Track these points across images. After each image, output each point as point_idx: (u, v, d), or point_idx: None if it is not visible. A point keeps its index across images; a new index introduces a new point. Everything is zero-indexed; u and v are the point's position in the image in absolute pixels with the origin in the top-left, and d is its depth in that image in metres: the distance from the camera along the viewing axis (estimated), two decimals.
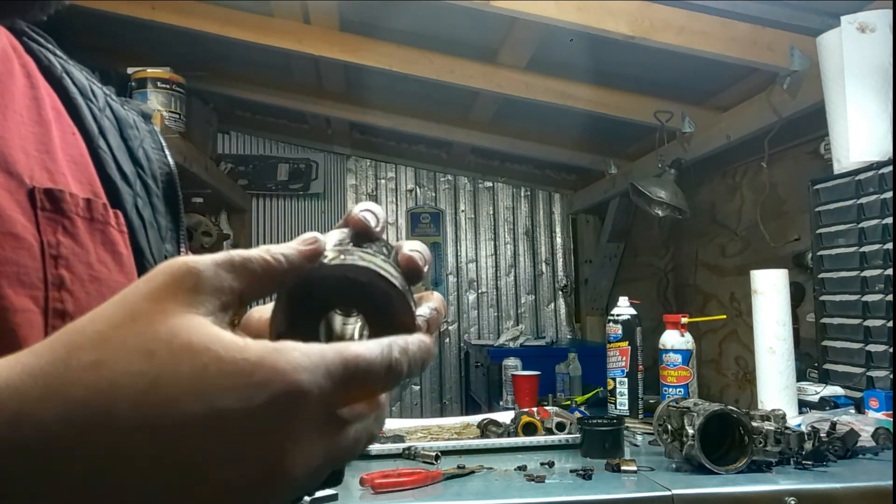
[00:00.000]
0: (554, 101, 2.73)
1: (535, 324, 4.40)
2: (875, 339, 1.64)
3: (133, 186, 0.54)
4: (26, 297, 0.41)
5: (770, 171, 2.39)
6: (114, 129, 0.55)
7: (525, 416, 1.59)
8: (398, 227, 4.37)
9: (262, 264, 0.33)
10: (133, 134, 0.58)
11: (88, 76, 0.57)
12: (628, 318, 1.91)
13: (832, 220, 1.80)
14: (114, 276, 0.48)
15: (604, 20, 2.02)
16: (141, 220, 0.53)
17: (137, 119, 0.60)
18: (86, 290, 0.45)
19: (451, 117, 3.47)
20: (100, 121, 0.54)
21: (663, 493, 1.15)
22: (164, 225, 0.57)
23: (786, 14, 1.99)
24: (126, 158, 0.55)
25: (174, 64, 2.54)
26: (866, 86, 1.71)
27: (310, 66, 2.98)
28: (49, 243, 0.43)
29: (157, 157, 0.60)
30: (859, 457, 1.34)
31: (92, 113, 0.54)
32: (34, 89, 0.49)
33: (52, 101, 0.50)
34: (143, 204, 0.54)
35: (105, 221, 0.48)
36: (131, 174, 0.54)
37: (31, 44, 0.53)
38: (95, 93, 0.56)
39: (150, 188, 0.57)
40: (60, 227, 0.44)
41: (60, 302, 0.43)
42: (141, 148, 0.58)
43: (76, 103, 0.52)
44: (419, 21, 2.45)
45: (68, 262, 0.44)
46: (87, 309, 0.43)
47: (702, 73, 2.38)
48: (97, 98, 0.56)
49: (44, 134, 0.47)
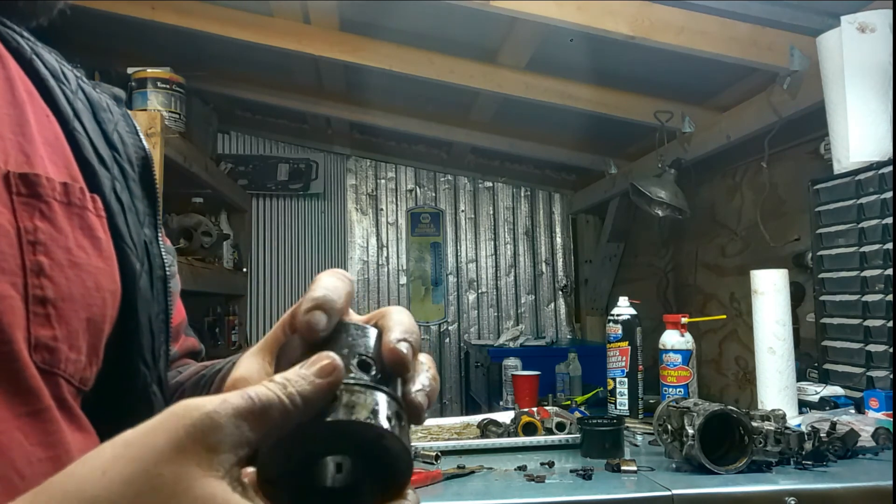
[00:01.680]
0: (554, 101, 2.73)
1: (535, 324, 4.40)
2: (875, 339, 1.64)
3: (110, 170, 0.53)
4: (6, 283, 0.41)
5: (770, 171, 2.39)
6: (87, 111, 0.54)
7: (525, 416, 1.59)
8: (398, 227, 4.38)
9: (281, 411, 0.32)
10: (107, 117, 0.56)
11: (59, 59, 0.55)
12: (628, 318, 1.91)
13: (832, 220, 1.80)
14: (93, 261, 0.47)
15: (604, 20, 2.02)
16: (120, 203, 0.52)
17: (110, 102, 0.59)
18: (65, 275, 0.44)
19: (451, 117, 3.47)
20: (73, 103, 0.52)
21: (663, 493, 1.15)
22: (142, 209, 0.56)
23: (786, 14, 1.99)
24: (102, 142, 0.53)
25: (174, 64, 2.54)
26: (866, 86, 1.71)
27: (310, 66, 2.98)
28: (26, 229, 0.42)
29: (131, 140, 0.58)
30: (859, 457, 1.34)
31: (65, 95, 0.52)
32: (5, 69, 0.47)
33: (24, 84, 0.49)
34: (121, 188, 0.53)
35: (83, 206, 0.47)
36: (108, 157, 0.53)
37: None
38: (67, 75, 0.54)
39: (127, 172, 0.55)
40: (37, 212, 0.43)
41: (40, 289, 0.42)
42: (115, 131, 0.56)
43: (48, 85, 0.51)
44: (419, 21, 2.45)
45: (47, 248, 0.43)
46: (68, 294, 0.44)
47: (702, 73, 2.38)
48: (69, 81, 0.54)
49: (19, 116, 0.46)
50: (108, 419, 0.47)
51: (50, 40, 0.56)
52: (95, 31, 2.68)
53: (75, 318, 0.45)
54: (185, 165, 2.53)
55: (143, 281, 0.53)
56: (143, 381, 0.54)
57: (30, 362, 0.42)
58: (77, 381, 0.46)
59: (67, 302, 0.44)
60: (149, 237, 0.55)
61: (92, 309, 0.46)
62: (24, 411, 0.41)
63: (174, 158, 2.37)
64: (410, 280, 4.34)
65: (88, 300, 0.46)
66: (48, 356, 0.43)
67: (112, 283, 0.49)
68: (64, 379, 0.44)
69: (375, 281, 4.33)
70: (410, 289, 4.34)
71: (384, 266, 4.35)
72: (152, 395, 0.55)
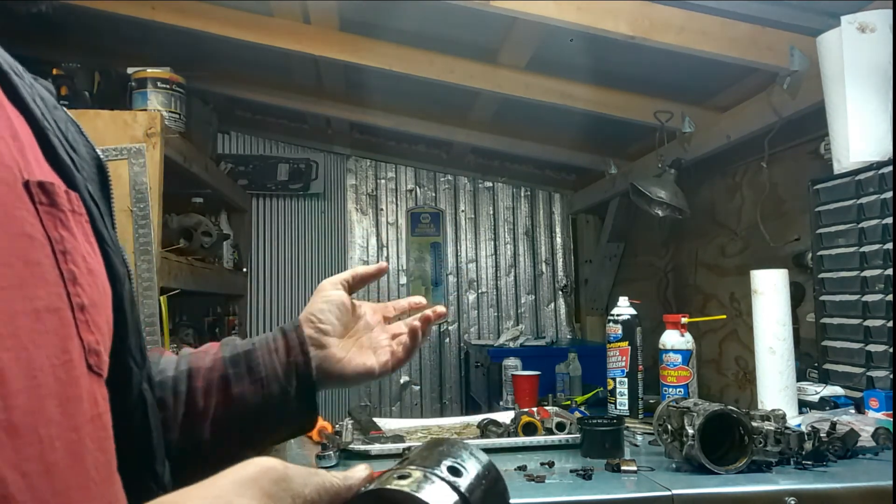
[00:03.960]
0: (554, 101, 2.73)
1: (535, 324, 4.40)
2: (875, 339, 1.64)
3: (81, 171, 0.51)
4: (54, 294, 0.41)
5: (770, 171, 2.39)
6: (47, 110, 0.51)
7: (525, 416, 1.59)
8: (398, 227, 4.38)
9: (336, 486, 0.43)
10: (60, 115, 0.53)
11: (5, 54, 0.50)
12: (628, 318, 1.91)
13: (832, 220, 1.80)
14: (98, 267, 0.47)
15: (604, 20, 2.02)
16: (97, 207, 0.51)
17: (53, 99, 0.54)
18: (89, 282, 0.45)
19: (451, 117, 3.47)
20: (36, 101, 0.49)
21: (663, 493, 1.15)
22: (105, 211, 0.55)
23: (786, 14, 1.99)
24: (65, 141, 0.51)
25: (174, 64, 2.54)
26: (866, 86, 1.71)
27: (310, 66, 2.98)
28: (55, 239, 0.42)
29: (81, 140, 0.56)
30: (859, 457, 1.34)
31: (28, 92, 0.49)
32: None
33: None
34: (93, 190, 0.52)
35: (81, 212, 0.47)
36: (76, 159, 0.51)
37: None
38: (19, 69, 0.50)
39: (87, 173, 0.53)
40: (59, 222, 0.43)
41: (78, 296, 0.43)
42: (69, 130, 0.54)
43: (12, 80, 0.47)
44: (419, 21, 2.45)
45: (73, 257, 0.43)
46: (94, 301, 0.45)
47: (702, 73, 2.38)
48: (23, 75, 0.50)
49: (5, 118, 0.43)
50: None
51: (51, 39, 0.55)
52: (95, 31, 2.68)
53: (102, 321, 0.46)
54: (185, 165, 2.53)
55: (126, 284, 0.54)
56: (136, 380, 0.55)
57: (87, 368, 0.42)
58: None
59: (94, 307, 0.45)
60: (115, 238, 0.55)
61: (107, 312, 0.48)
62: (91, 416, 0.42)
63: (174, 158, 2.37)
64: (410, 280, 4.34)
65: (104, 304, 0.47)
66: (97, 360, 0.44)
67: (108, 286, 0.49)
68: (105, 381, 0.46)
69: (375, 281, 4.32)
70: (410, 289, 4.34)
71: None
72: (144, 392, 0.56)
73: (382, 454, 1.46)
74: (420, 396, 4.31)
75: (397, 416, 4.13)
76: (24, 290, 0.38)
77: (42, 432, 0.37)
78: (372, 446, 1.47)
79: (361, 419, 1.72)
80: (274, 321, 4.17)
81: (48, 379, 0.38)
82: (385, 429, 1.68)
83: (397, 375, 4.31)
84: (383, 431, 1.62)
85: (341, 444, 1.49)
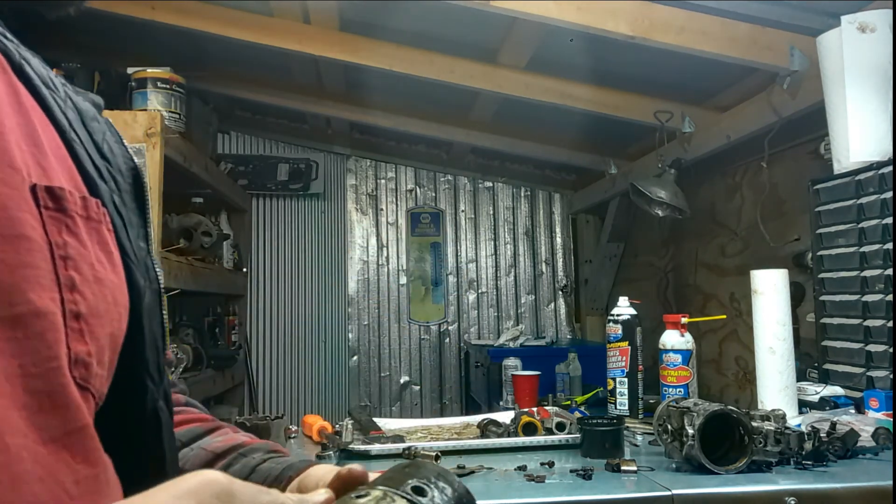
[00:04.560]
0: (554, 101, 2.73)
1: (535, 324, 4.39)
2: (875, 339, 1.64)
3: (108, 182, 0.51)
4: (47, 298, 0.40)
5: (770, 171, 2.39)
6: (78, 121, 0.52)
7: (525, 416, 1.59)
8: (398, 227, 4.38)
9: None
10: (96, 126, 0.54)
11: (43, 64, 0.53)
12: (628, 318, 1.91)
13: (832, 220, 1.80)
14: (110, 276, 0.46)
15: (604, 20, 2.02)
16: (120, 217, 0.51)
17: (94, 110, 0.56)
18: (92, 291, 0.44)
19: (451, 117, 3.47)
20: (66, 112, 0.50)
21: (663, 493, 1.15)
22: (136, 222, 0.55)
23: (786, 14, 1.99)
24: (95, 152, 0.52)
25: (174, 64, 2.54)
26: (866, 86, 1.71)
27: (310, 66, 2.97)
28: (56, 243, 0.42)
29: (120, 151, 0.57)
30: (859, 457, 1.34)
31: (57, 103, 0.50)
32: (6, 74, 0.45)
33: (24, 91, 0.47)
34: (119, 201, 0.52)
35: (98, 220, 0.47)
36: (104, 169, 0.52)
37: None
38: (55, 82, 0.52)
39: (120, 184, 0.54)
40: (64, 227, 0.43)
41: (74, 304, 0.42)
42: (105, 141, 0.54)
43: (42, 93, 0.49)
44: (419, 21, 2.45)
45: (76, 263, 0.43)
46: (95, 310, 0.44)
47: (702, 73, 2.38)
48: (57, 88, 0.52)
49: (28, 125, 0.44)
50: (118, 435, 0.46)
51: (51, 39, 0.55)
52: (95, 31, 2.67)
53: (102, 333, 0.45)
54: (185, 165, 2.53)
55: (147, 297, 0.52)
56: (150, 397, 0.53)
57: (71, 379, 0.41)
58: (99, 397, 0.46)
59: (95, 317, 0.44)
60: (143, 251, 0.54)
61: (113, 324, 0.46)
62: (70, 429, 0.41)
63: (174, 158, 2.37)
64: (410, 280, 4.34)
65: (111, 315, 0.46)
66: (84, 372, 0.43)
67: (124, 297, 0.48)
68: (93, 395, 0.44)
69: (375, 281, 4.33)
70: (410, 289, 4.34)
71: (384, 266, 4.35)
72: (160, 410, 0.54)
73: (382, 454, 1.45)
74: (420, 396, 4.31)
75: (397, 416, 4.13)
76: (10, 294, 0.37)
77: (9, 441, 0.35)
78: (372, 446, 1.47)
79: (361, 419, 1.73)
80: (274, 321, 4.17)
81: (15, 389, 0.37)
82: (385, 429, 1.68)
83: (397, 375, 4.31)
84: (383, 431, 1.62)
85: (341, 444, 1.49)
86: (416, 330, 4.34)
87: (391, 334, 4.32)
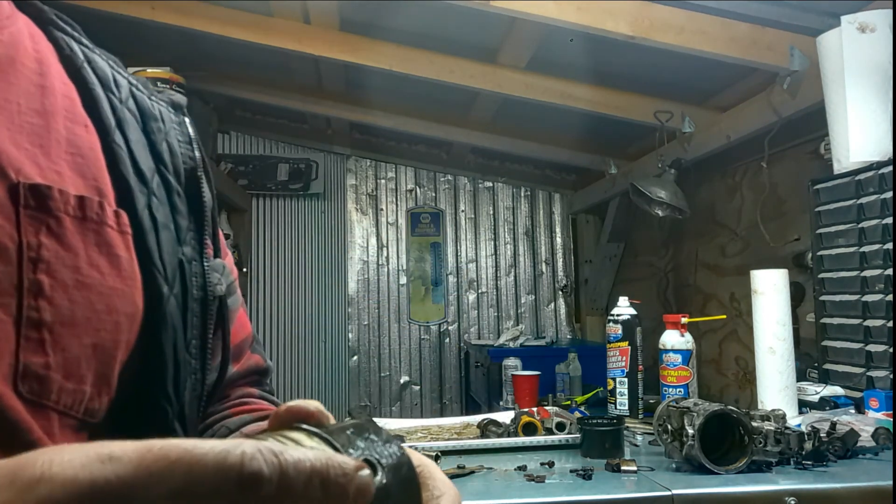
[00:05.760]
0: (554, 101, 2.73)
1: (535, 324, 4.40)
2: (875, 339, 1.64)
3: (149, 184, 0.50)
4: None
5: (770, 171, 2.39)
6: (135, 121, 0.52)
7: (525, 416, 1.59)
8: (398, 227, 4.38)
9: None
10: (157, 127, 0.53)
11: (114, 65, 0.54)
12: (628, 318, 1.91)
13: (832, 220, 1.80)
14: (107, 282, 0.44)
15: (604, 20, 2.02)
16: (153, 220, 0.48)
17: (166, 110, 0.56)
18: (69, 296, 0.41)
19: (451, 117, 3.47)
20: (119, 113, 0.50)
21: (663, 493, 1.15)
22: (184, 226, 0.52)
23: (786, 14, 1.99)
24: (145, 153, 0.51)
25: (174, 64, 2.54)
26: (866, 86, 1.71)
27: (310, 66, 2.98)
28: (29, 245, 0.39)
29: (183, 150, 0.55)
30: (859, 457, 1.34)
31: (112, 105, 0.50)
32: (43, 77, 0.46)
33: (65, 91, 0.47)
34: (157, 203, 0.50)
35: (100, 221, 0.44)
36: (149, 171, 0.50)
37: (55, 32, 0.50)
38: (119, 83, 0.52)
39: (171, 185, 0.52)
40: (44, 227, 0.40)
41: (36, 311, 0.39)
42: (165, 142, 0.53)
43: (94, 94, 0.49)
44: (419, 21, 2.45)
45: (49, 267, 0.40)
46: (69, 318, 0.41)
47: (702, 73, 2.38)
48: (120, 89, 0.52)
49: (42, 126, 0.44)
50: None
51: None
52: (95, 31, 2.66)
53: (76, 343, 0.41)
54: None
55: (171, 306, 0.49)
56: (162, 416, 0.48)
57: (10, 393, 0.38)
58: (80, 412, 0.42)
59: (67, 326, 0.41)
60: (188, 255, 0.52)
61: (100, 334, 0.43)
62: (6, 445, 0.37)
63: None
64: (410, 280, 4.34)
65: (96, 324, 0.43)
66: (37, 386, 0.39)
67: (130, 305, 0.45)
68: (56, 411, 0.40)
69: (375, 281, 4.33)
70: (410, 289, 4.34)
71: (384, 266, 4.35)
72: (174, 433, 0.49)
73: None
74: (420, 396, 4.31)
75: (397, 416, 4.13)
76: None
77: None
78: None
79: (361, 419, 1.72)
80: (274, 321, 4.17)
81: None
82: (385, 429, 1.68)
83: (397, 375, 4.31)
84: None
85: None
86: (416, 330, 4.34)
87: (391, 334, 4.32)
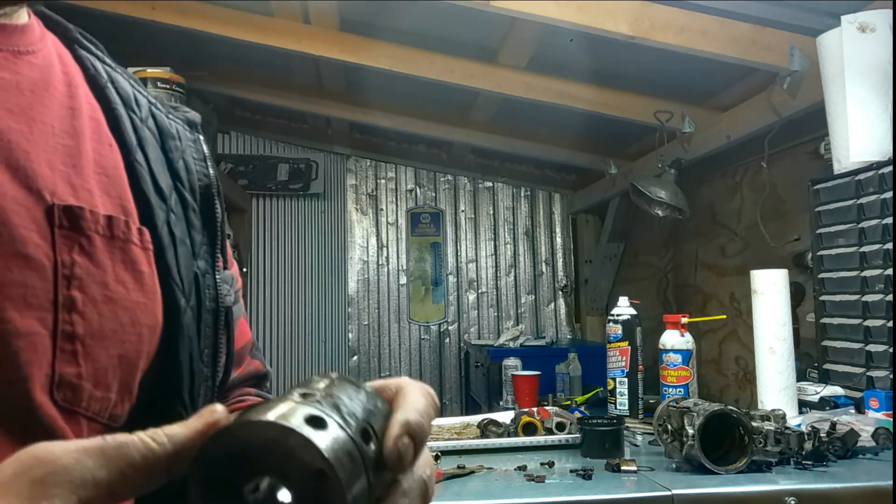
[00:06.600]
0: (554, 101, 2.73)
1: (535, 324, 4.40)
2: (875, 339, 1.64)
3: (167, 201, 0.52)
4: (33, 319, 0.40)
5: (770, 171, 2.39)
6: (154, 140, 0.54)
7: (525, 416, 1.59)
8: (398, 227, 4.38)
9: (143, 451, 0.30)
10: (174, 145, 0.56)
11: (134, 84, 0.56)
12: (628, 318, 1.91)
13: (832, 220, 1.80)
14: (132, 296, 0.47)
15: (604, 20, 2.02)
16: (171, 237, 0.51)
17: (182, 128, 0.58)
18: (98, 311, 0.44)
19: (451, 117, 3.47)
20: (140, 132, 0.53)
21: (663, 493, 1.15)
22: (199, 240, 0.55)
23: (786, 14, 1.99)
24: (164, 171, 0.53)
25: (174, 64, 2.53)
26: (866, 86, 1.71)
27: (310, 66, 2.97)
28: (63, 263, 0.42)
29: (198, 168, 0.58)
30: (859, 457, 1.34)
31: (133, 124, 0.52)
32: (72, 99, 0.48)
33: (91, 111, 0.49)
34: (175, 220, 0.52)
35: (126, 239, 0.47)
36: (167, 188, 0.53)
37: (80, 51, 0.52)
38: (139, 102, 0.55)
39: (187, 202, 0.55)
40: (77, 246, 0.43)
41: (70, 324, 0.42)
42: (181, 159, 0.56)
43: (117, 114, 0.51)
44: (419, 21, 2.45)
45: (82, 283, 0.43)
46: (98, 331, 0.44)
47: (702, 73, 2.38)
48: (140, 108, 0.54)
49: (74, 147, 0.46)
50: None
51: None
52: (95, 31, 2.66)
53: (104, 354, 0.44)
54: None
55: (187, 317, 0.51)
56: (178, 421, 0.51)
57: (48, 401, 0.41)
58: (105, 418, 0.45)
59: (97, 338, 0.44)
60: (202, 269, 0.54)
61: (125, 345, 0.46)
62: None
63: None
64: (410, 280, 4.34)
65: (122, 336, 0.46)
66: (70, 394, 0.42)
67: (151, 318, 0.48)
68: (86, 417, 0.44)
69: (375, 281, 4.33)
70: (410, 289, 4.34)
71: (384, 266, 4.35)
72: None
73: None
74: None
75: None
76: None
77: None
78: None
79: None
80: (274, 321, 4.17)
81: None
82: None
83: (397, 375, 4.29)
84: None
85: None
86: (416, 330, 4.34)
87: (391, 334, 4.32)
